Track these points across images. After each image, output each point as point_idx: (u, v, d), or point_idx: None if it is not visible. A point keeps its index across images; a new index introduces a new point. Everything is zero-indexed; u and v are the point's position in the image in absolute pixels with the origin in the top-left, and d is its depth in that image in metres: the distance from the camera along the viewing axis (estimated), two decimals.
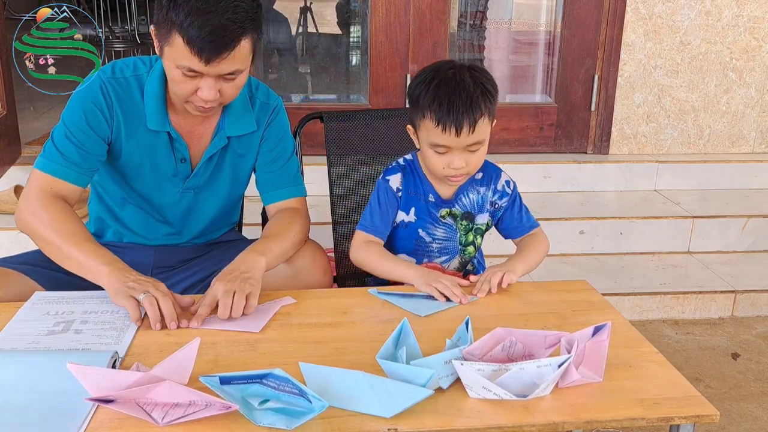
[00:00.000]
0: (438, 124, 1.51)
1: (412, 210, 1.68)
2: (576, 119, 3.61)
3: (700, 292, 2.89)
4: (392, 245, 1.73)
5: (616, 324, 1.30)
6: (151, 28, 1.51)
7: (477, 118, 1.51)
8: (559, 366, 1.13)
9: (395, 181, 1.67)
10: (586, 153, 3.63)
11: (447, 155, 1.55)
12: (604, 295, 1.56)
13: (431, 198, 1.67)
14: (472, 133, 1.52)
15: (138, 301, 1.34)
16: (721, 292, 2.91)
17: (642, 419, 1.11)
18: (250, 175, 1.79)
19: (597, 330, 1.19)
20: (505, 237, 1.77)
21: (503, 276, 1.52)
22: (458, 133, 1.51)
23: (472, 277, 1.57)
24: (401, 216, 1.68)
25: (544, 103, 3.69)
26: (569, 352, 1.15)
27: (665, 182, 3.56)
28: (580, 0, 3.45)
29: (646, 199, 3.44)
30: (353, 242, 1.68)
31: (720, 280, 3.00)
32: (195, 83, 1.48)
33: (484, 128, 1.54)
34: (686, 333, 2.79)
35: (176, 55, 1.44)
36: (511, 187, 1.72)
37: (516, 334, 1.21)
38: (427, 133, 1.55)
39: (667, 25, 3.45)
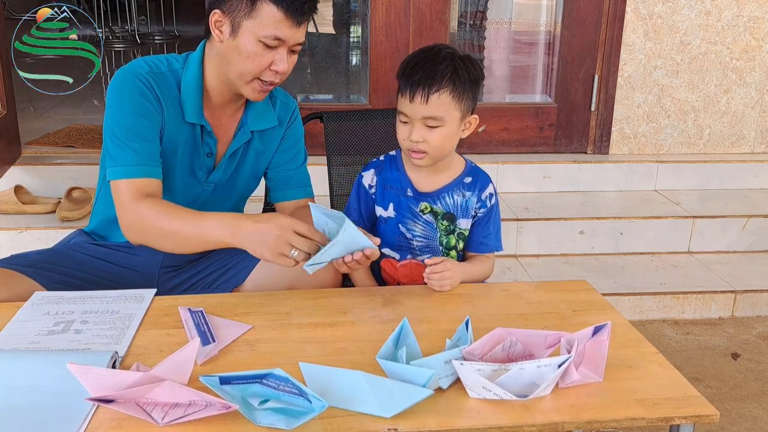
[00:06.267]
0: (399, 89, 1.58)
1: (391, 205, 1.69)
2: (576, 119, 3.61)
3: (700, 292, 2.89)
4: None
5: (616, 324, 1.30)
6: (215, 12, 1.54)
7: (432, 90, 1.53)
8: (559, 366, 1.13)
9: (367, 177, 1.72)
10: (586, 153, 3.63)
11: (408, 126, 1.59)
12: (604, 295, 1.56)
13: (409, 192, 1.68)
14: (425, 103, 1.54)
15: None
16: (721, 292, 2.91)
17: (642, 419, 1.11)
18: (264, 173, 1.82)
19: (597, 330, 1.19)
20: (464, 247, 1.73)
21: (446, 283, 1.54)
22: (411, 99, 1.55)
23: (428, 261, 1.56)
24: (380, 211, 1.70)
25: (544, 103, 3.69)
26: (569, 352, 1.15)
27: (665, 182, 3.56)
28: (580, 0, 3.46)
29: (646, 199, 3.43)
30: None
31: (720, 280, 3.00)
32: (271, 56, 1.55)
33: (442, 105, 1.55)
34: (686, 333, 2.79)
35: (262, 24, 1.51)
36: (492, 201, 1.70)
37: (516, 334, 1.21)
38: (398, 101, 1.61)
39: (667, 25, 3.45)
